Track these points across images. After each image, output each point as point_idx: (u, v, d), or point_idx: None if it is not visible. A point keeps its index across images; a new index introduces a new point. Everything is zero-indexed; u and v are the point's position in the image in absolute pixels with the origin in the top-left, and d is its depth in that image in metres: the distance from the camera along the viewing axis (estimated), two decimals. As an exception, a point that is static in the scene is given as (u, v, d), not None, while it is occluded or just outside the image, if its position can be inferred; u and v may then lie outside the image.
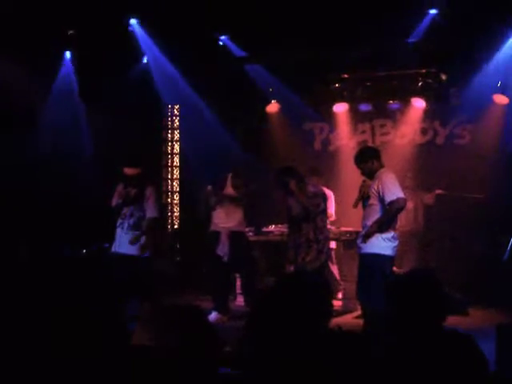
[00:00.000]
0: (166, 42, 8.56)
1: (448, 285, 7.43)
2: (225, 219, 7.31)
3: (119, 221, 7.08)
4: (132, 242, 6.96)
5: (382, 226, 5.85)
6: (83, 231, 8.50)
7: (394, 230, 5.96)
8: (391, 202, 5.78)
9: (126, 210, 7.02)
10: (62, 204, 8.49)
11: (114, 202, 7.11)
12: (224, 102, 9.90)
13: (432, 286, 2.82)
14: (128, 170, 6.97)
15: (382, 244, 5.85)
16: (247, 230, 7.80)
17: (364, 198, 6.11)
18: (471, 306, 7.43)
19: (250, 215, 7.59)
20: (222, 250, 7.27)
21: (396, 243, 5.94)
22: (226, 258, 7.26)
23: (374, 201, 5.95)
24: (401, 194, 5.83)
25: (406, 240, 7.84)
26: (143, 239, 7.05)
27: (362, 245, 5.96)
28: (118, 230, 7.10)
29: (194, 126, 9.91)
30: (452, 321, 2.85)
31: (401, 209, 5.90)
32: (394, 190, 5.82)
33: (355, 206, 6.38)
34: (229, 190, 7.34)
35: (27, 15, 7.49)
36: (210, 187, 7.39)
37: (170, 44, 8.56)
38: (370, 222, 5.94)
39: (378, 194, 5.88)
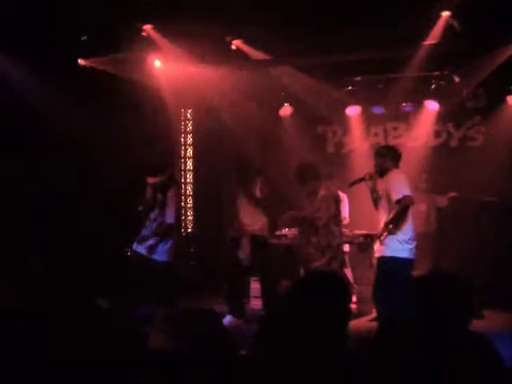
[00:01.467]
0: (179, 46, 8.59)
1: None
2: (248, 222, 7.34)
3: (146, 223, 7.15)
4: (149, 253, 7.00)
5: (392, 225, 5.85)
6: (104, 237, 8.55)
7: (411, 231, 5.94)
8: (398, 201, 5.79)
9: (151, 214, 7.08)
10: (81, 211, 8.54)
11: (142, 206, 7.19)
12: (236, 105, 9.92)
13: (461, 288, 2.81)
14: (150, 179, 7.03)
15: (399, 247, 5.83)
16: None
17: (374, 198, 6.14)
18: (486, 309, 7.40)
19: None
20: (244, 253, 7.29)
21: (413, 245, 5.92)
22: (246, 262, 7.28)
23: (383, 202, 5.97)
24: (407, 192, 5.82)
25: (419, 242, 7.79)
26: (162, 244, 7.08)
27: (379, 248, 5.95)
28: (143, 231, 7.16)
29: (207, 130, 9.96)
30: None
31: (408, 207, 5.88)
32: (400, 189, 5.83)
33: (350, 186, 6.42)
34: (256, 192, 7.37)
35: (41, 21, 7.54)
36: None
37: (183, 48, 8.58)
38: (382, 224, 5.95)
39: (386, 194, 5.90)
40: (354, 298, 8.04)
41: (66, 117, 8.10)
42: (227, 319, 7.11)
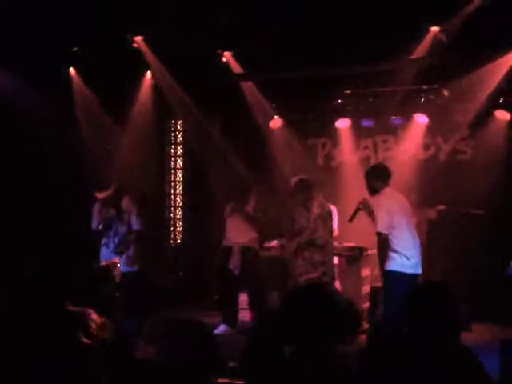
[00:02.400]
0: (170, 58, 8.61)
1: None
2: (238, 235, 7.38)
3: (104, 240, 7.12)
4: (118, 253, 6.97)
5: (380, 259, 6.01)
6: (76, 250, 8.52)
7: (412, 247, 6.01)
8: (377, 233, 5.97)
9: (110, 231, 7.06)
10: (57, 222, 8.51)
11: (95, 224, 7.13)
12: (227, 117, 9.94)
13: (449, 300, 2.81)
14: (99, 195, 7.02)
15: (400, 261, 5.89)
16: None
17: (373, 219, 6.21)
18: (474, 322, 7.41)
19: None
20: (234, 264, 7.33)
21: (415, 260, 5.97)
22: (236, 272, 7.32)
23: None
24: (382, 229, 5.94)
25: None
26: (130, 252, 7.08)
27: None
28: (103, 249, 7.12)
29: (197, 142, 9.97)
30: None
31: (381, 243, 5.97)
32: (379, 223, 5.97)
33: (350, 220, 6.45)
34: (249, 208, 7.40)
35: (32, 31, 7.55)
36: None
37: (174, 60, 8.60)
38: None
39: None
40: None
41: (54, 125, 8.11)
42: (221, 328, 7.16)
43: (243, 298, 7.89)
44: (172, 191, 10.76)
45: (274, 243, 8.33)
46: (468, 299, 7.50)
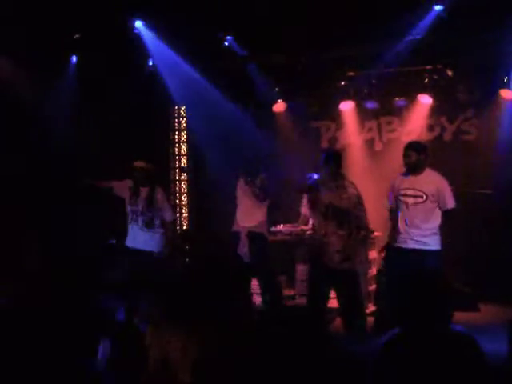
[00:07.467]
0: (172, 44, 8.58)
1: (458, 280, 7.43)
2: (245, 218, 7.33)
3: (131, 216, 7.14)
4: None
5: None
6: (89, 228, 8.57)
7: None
8: (451, 210, 6.08)
9: (136, 207, 7.10)
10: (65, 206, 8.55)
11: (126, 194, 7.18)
12: (231, 102, 9.91)
13: (439, 287, 2.81)
14: (138, 163, 7.07)
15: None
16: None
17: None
18: (482, 302, 7.42)
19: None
20: (242, 250, 7.28)
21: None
22: (245, 259, 7.27)
23: (431, 204, 6.08)
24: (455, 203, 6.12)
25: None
26: (163, 239, 7.16)
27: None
28: (133, 226, 7.14)
29: (201, 127, 9.95)
30: (463, 317, 2.85)
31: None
32: (452, 197, 6.11)
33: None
34: (257, 189, 7.36)
35: (33, 19, 7.53)
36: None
37: (176, 45, 8.57)
38: (427, 225, 6.11)
39: (438, 196, 6.08)
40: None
41: (57, 113, 8.11)
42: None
43: (254, 282, 7.87)
44: (177, 177, 10.75)
45: (281, 228, 8.33)
46: (475, 279, 7.52)
